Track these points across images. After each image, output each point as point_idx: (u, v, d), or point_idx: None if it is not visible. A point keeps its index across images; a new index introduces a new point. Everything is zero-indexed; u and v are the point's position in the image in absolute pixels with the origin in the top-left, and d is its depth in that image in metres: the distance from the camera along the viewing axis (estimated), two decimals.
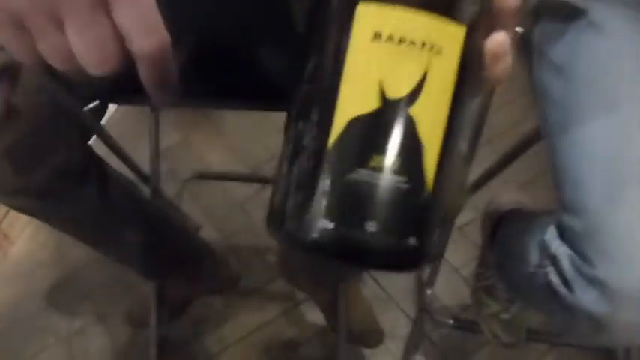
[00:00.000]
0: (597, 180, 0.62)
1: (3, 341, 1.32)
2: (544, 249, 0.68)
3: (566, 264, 0.63)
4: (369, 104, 0.28)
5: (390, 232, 0.28)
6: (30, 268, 1.44)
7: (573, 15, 0.68)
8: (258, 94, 0.71)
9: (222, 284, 1.24)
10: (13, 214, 1.43)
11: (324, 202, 0.28)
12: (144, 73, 0.31)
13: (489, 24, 0.30)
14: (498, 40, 0.30)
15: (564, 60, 0.68)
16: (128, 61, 0.30)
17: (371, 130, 0.28)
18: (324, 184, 0.28)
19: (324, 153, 0.28)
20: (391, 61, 0.28)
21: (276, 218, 0.31)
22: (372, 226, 0.28)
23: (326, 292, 1.14)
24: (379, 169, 0.28)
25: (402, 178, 0.28)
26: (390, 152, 0.28)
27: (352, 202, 0.28)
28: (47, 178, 0.76)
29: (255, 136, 1.63)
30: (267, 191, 1.49)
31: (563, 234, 0.66)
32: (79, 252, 1.37)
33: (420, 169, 0.28)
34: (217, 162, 1.58)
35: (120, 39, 0.29)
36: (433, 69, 0.28)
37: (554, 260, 0.66)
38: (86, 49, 0.29)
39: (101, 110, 0.84)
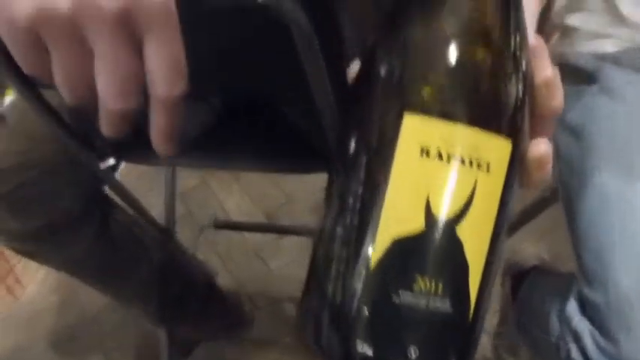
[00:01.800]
0: (617, 250, 0.60)
1: None
2: (565, 323, 0.65)
3: (588, 342, 0.60)
4: (415, 224, 0.26)
5: (431, 357, 0.26)
6: (40, 312, 1.42)
7: (586, 79, 0.67)
8: (284, 155, 0.70)
9: (234, 328, 1.22)
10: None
11: (363, 325, 0.26)
12: (157, 119, 0.30)
13: (531, 131, 0.29)
14: (542, 150, 0.29)
15: (581, 123, 0.67)
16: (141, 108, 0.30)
17: (417, 251, 0.26)
18: (364, 305, 0.26)
19: (365, 273, 0.26)
20: (439, 180, 0.26)
21: (310, 328, 0.29)
22: (413, 352, 0.26)
23: None
24: (423, 292, 0.26)
25: (446, 301, 0.26)
26: (436, 275, 0.26)
27: (394, 327, 0.26)
28: (46, 224, 0.75)
29: (271, 179, 1.62)
30: (284, 239, 1.47)
31: (585, 307, 0.63)
32: (90, 296, 1.35)
33: (465, 291, 0.27)
34: (234, 206, 1.57)
35: (143, 79, 0.28)
36: (480, 186, 0.26)
37: (575, 336, 0.63)
38: (107, 77, 0.28)
39: (115, 164, 0.84)
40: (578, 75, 0.68)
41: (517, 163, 0.28)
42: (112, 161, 0.76)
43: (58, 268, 0.88)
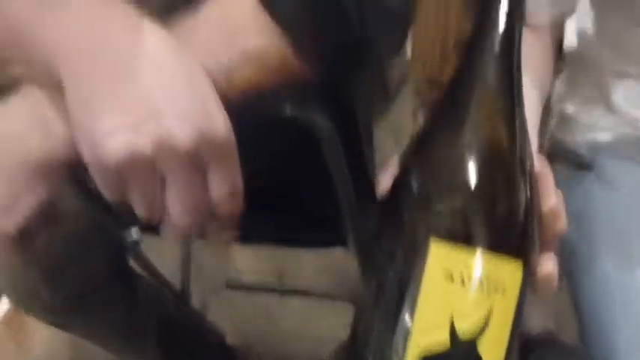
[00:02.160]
0: (621, 332, 0.61)
1: None
2: None
3: None
4: (440, 341, 0.30)
5: None
6: None
7: (584, 166, 0.70)
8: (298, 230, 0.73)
9: None
10: None
11: None
12: (218, 229, 0.34)
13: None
14: (550, 268, 0.33)
15: (579, 208, 0.67)
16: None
17: None
18: None
19: None
20: (462, 303, 0.30)
21: None
22: None
23: None
24: None
25: None
26: None
27: None
28: (76, 292, 0.77)
29: None
30: (294, 299, 1.47)
31: None
32: (98, 353, 1.36)
33: None
34: (244, 263, 1.58)
35: (208, 200, 0.32)
36: (497, 307, 0.31)
37: None
38: (179, 205, 0.32)
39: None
40: (576, 162, 0.71)
41: (528, 281, 0.32)
42: (136, 235, 0.80)
43: (84, 335, 0.91)
